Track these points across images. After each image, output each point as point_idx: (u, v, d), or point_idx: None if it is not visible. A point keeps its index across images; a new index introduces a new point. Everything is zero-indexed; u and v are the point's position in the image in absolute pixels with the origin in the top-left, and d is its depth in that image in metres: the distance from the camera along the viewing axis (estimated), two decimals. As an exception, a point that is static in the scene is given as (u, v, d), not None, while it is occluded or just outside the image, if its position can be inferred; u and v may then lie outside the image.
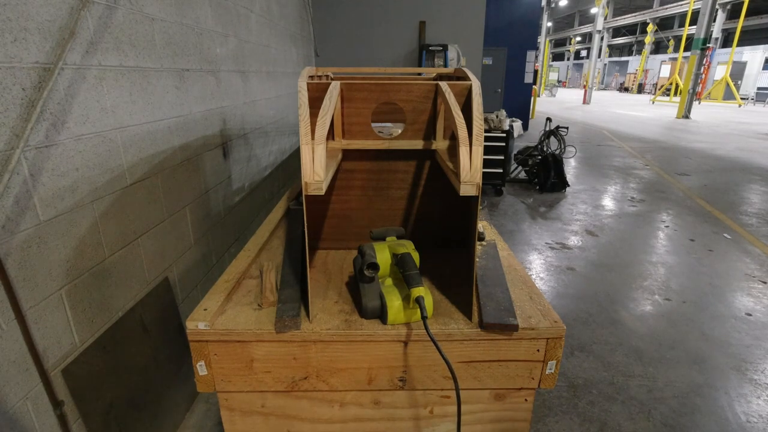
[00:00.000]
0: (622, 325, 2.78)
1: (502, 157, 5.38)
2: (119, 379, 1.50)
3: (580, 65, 39.90)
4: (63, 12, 1.22)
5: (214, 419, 1.95)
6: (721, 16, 20.31)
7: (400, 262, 1.01)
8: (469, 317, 0.99)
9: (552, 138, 6.42)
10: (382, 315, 0.98)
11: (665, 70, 24.67)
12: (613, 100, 24.18)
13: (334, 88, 1.09)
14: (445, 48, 5.44)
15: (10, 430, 1.07)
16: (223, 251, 2.40)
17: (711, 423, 2.01)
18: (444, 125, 1.23)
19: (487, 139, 5.28)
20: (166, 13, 1.77)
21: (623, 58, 36.64)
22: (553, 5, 25.89)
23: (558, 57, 47.82)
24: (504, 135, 5.30)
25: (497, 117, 5.36)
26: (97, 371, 1.39)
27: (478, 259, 1.23)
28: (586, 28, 33.10)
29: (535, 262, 3.76)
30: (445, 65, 5.49)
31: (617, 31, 33.93)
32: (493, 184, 5.68)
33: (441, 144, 1.22)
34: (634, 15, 27.63)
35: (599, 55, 26.31)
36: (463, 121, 0.93)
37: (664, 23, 28.51)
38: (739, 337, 2.67)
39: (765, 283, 3.40)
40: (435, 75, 1.62)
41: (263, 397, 1.02)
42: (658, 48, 31.67)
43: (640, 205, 5.37)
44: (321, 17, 5.27)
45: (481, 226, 1.49)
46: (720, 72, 21.85)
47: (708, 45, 13.84)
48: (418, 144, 1.22)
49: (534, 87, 11.29)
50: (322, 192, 0.84)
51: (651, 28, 26.12)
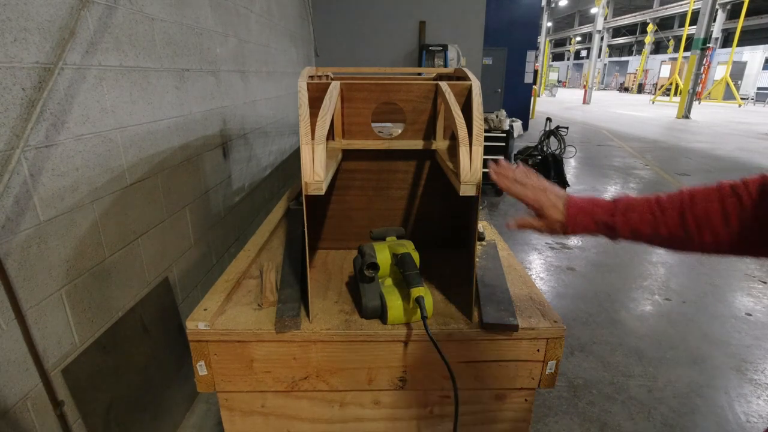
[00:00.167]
0: (622, 325, 2.78)
1: (502, 157, 5.38)
2: (119, 379, 1.50)
3: (580, 65, 39.89)
4: (63, 12, 1.22)
5: (214, 419, 1.95)
6: (721, 16, 20.31)
7: (400, 262, 1.01)
8: (469, 317, 0.99)
9: (552, 138, 6.41)
10: (382, 315, 0.98)
11: (665, 70, 24.66)
12: (613, 100, 24.18)
13: (334, 88, 1.09)
14: (445, 48, 5.44)
15: (10, 430, 1.07)
16: (223, 251, 2.40)
17: (711, 423, 2.01)
18: (444, 125, 1.23)
19: (487, 139, 5.27)
20: (166, 13, 1.77)
21: (623, 58, 36.65)
22: (553, 5, 25.89)
23: (558, 57, 47.80)
24: (504, 135, 5.30)
25: (497, 117, 5.36)
26: (97, 371, 1.39)
27: (478, 259, 1.23)
28: (586, 28, 33.10)
29: (535, 262, 3.76)
30: (445, 65, 5.48)
31: (617, 31, 33.92)
32: (493, 184, 5.68)
33: (441, 144, 1.22)
34: (634, 15, 27.63)
35: (599, 55, 26.31)
36: (463, 121, 0.93)
37: (664, 23, 28.50)
38: (739, 337, 2.67)
39: (765, 283, 3.40)
40: (435, 75, 1.62)
41: (263, 397, 1.02)
42: (658, 48, 31.66)
43: (640, 205, 5.37)
44: (321, 17, 5.26)
45: (481, 226, 1.49)
46: (720, 72, 21.84)
47: (708, 45, 13.84)
48: (418, 144, 1.22)
49: (534, 87, 11.29)
50: (322, 192, 0.84)
51: (651, 28, 26.12)
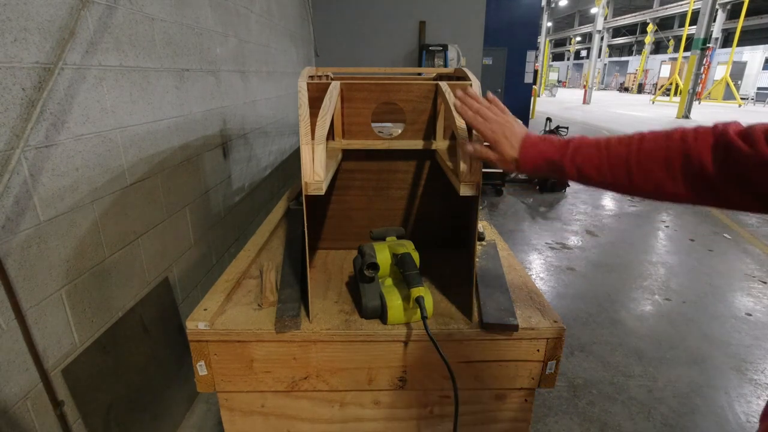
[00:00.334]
0: (622, 325, 2.79)
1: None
2: (119, 379, 1.50)
3: (580, 65, 39.89)
4: (63, 12, 1.22)
5: (214, 419, 1.95)
6: (721, 16, 20.30)
7: (400, 262, 1.01)
8: (469, 317, 0.99)
9: (552, 138, 6.39)
10: (382, 315, 0.98)
11: (665, 70, 24.66)
12: (613, 100, 24.18)
13: (334, 88, 1.09)
14: (445, 48, 5.44)
15: (10, 430, 1.07)
16: (223, 251, 2.40)
17: (711, 423, 2.01)
18: (444, 125, 1.23)
19: (487, 139, 5.27)
20: (166, 13, 1.77)
21: (623, 58, 36.64)
22: (553, 5, 25.89)
23: (558, 57, 47.81)
24: (504, 135, 5.29)
25: (497, 117, 5.35)
26: (97, 371, 1.39)
27: (478, 259, 1.23)
28: (586, 28, 33.10)
29: (535, 262, 3.76)
30: (445, 65, 5.48)
31: (617, 31, 33.93)
32: (493, 184, 5.68)
33: (441, 144, 1.22)
34: (634, 15, 27.63)
35: (599, 55, 26.32)
36: (463, 122, 0.93)
37: (664, 23, 28.50)
38: (739, 337, 2.67)
39: (765, 283, 3.40)
40: (435, 75, 1.62)
41: (263, 397, 1.02)
42: (658, 48, 31.66)
43: (640, 205, 5.37)
44: (321, 17, 5.26)
45: (481, 226, 1.49)
46: (720, 72, 21.83)
47: (708, 45, 13.83)
48: (418, 144, 1.22)
49: (534, 87, 11.28)
50: (322, 192, 0.84)
51: (651, 28, 26.12)
